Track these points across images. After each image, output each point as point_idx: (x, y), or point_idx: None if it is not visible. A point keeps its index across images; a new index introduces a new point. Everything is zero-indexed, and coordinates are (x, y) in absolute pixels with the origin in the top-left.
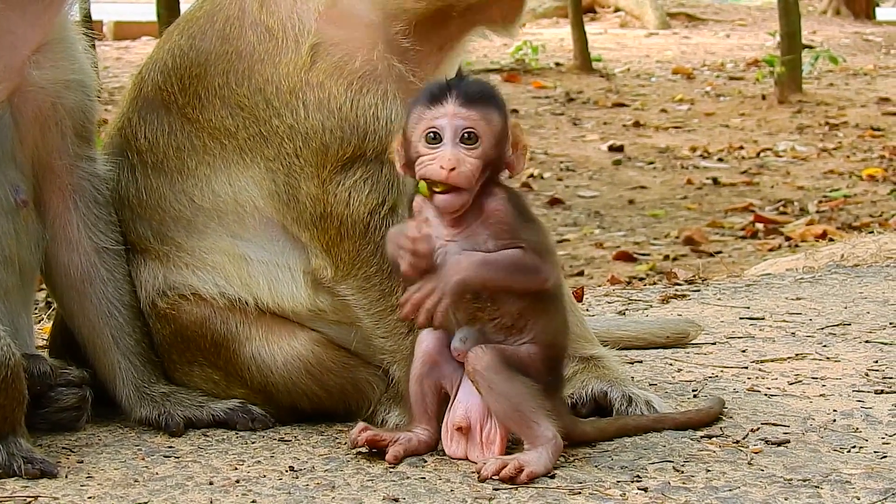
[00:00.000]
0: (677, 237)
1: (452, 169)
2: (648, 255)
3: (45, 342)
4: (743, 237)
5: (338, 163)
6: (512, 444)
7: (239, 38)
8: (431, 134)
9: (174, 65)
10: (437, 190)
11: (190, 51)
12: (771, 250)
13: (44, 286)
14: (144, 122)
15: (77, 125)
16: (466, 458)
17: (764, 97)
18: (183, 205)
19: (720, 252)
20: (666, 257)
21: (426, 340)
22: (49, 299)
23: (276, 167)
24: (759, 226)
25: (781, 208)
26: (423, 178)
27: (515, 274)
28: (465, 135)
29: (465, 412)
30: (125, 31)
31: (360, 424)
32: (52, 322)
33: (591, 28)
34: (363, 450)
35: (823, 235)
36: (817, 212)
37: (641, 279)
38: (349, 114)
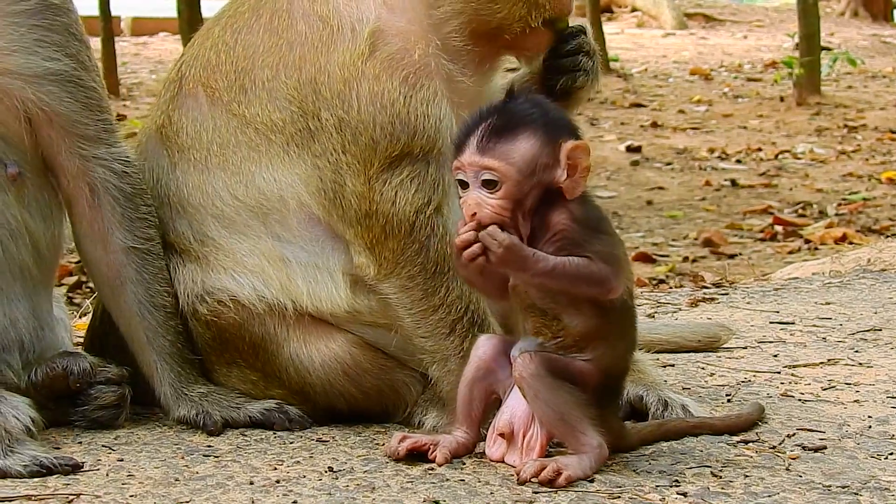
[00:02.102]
0: (696, 239)
1: (474, 214)
2: (667, 256)
3: (78, 339)
4: (762, 239)
5: (386, 160)
6: (552, 449)
7: (289, 29)
8: (460, 180)
9: (218, 60)
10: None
11: (236, 45)
12: (790, 253)
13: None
14: (187, 119)
15: (68, 125)
16: (503, 461)
17: (782, 99)
18: (226, 202)
19: (739, 254)
20: (685, 259)
21: (483, 346)
22: (70, 294)
23: (322, 164)
24: (778, 228)
25: (800, 211)
26: None
27: (577, 281)
28: (484, 181)
29: (510, 418)
30: (143, 27)
31: (397, 435)
32: (82, 318)
33: (607, 28)
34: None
35: (843, 238)
36: (836, 214)
37: (663, 281)
38: (401, 109)
